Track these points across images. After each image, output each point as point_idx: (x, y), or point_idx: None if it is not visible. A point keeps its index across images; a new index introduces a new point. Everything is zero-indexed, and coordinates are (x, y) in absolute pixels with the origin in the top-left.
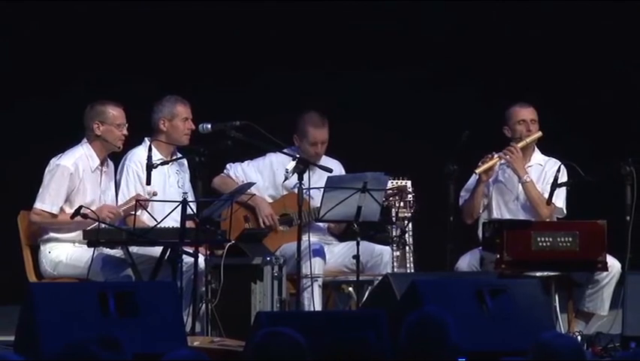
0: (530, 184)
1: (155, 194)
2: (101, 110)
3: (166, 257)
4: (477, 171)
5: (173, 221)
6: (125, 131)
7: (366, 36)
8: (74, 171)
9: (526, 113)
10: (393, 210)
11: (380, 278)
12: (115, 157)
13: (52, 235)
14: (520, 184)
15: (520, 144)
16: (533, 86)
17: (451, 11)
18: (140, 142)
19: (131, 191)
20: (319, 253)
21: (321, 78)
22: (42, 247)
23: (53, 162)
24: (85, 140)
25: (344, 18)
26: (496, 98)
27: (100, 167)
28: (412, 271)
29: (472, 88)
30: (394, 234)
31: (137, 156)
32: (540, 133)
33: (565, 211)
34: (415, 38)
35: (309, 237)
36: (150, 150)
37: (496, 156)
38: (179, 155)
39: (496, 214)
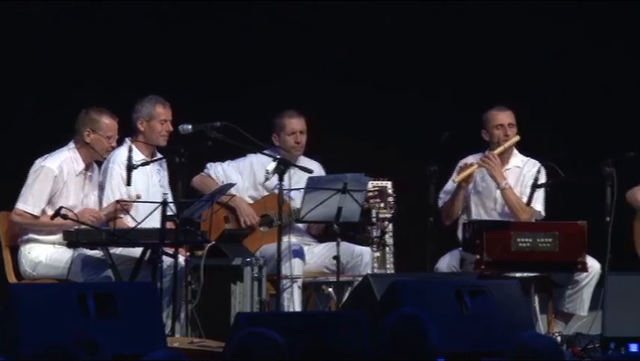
0: (509, 190)
1: (138, 197)
2: (95, 119)
3: (146, 258)
4: (456, 180)
5: (157, 222)
6: (113, 143)
7: (345, 44)
8: (59, 174)
9: (503, 117)
10: (373, 211)
11: (360, 279)
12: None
13: (31, 235)
14: (498, 190)
15: (497, 150)
16: (513, 87)
17: (426, 14)
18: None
19: (115, 192)
20: (299, 253)
21: (303, 84)
22: (22, 248)
23: (38, 162)
24: (72, 143)
25: (322, 29)
26: (477, 100)
27: (84, 171)
28: (392, 271)
29: (453, 89)
30: (374, 235)
31: (120, 157)
32: (518, 137)
33: (543, 213)
34: (397, 42)
35: (289, 238)
36: (130, 150)
37: (474, 163)
38: (160, 155)
39: (475, 218)
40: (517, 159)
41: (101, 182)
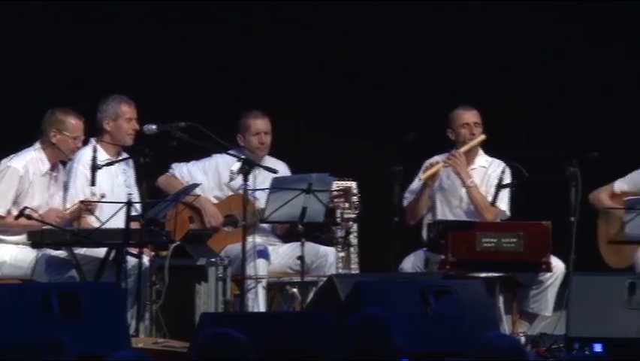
0: (474, 189)
1: (103, 196)
2: (61, 119)
3: (110, 258)
4: (421, 177)
5: (121, 222)
6: (79, 144)
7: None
8: (24, 174)
9: (469, 116)
10: (338, 211)
11: (325, 279)
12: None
13: None
14: (464, 189)
15: (463, 148)
16: (481, 87)
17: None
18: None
19: (79, 193)
20: (264, 254)
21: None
22: None
23: (4, 162)
24: (38, 143)
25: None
26: (443, 99)
27: (50, 171)
28: (357, 272)
29: (419, 89)
30: (339, 235)
31: (85, 157)
32: (483, 136)
33: (508, 213)
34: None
35: (253, 238)
36: (95, 150)
37: (440, 162)
38: (126, 155)
39: (440, 217)
40: (483, 159)
41: (65, 182)
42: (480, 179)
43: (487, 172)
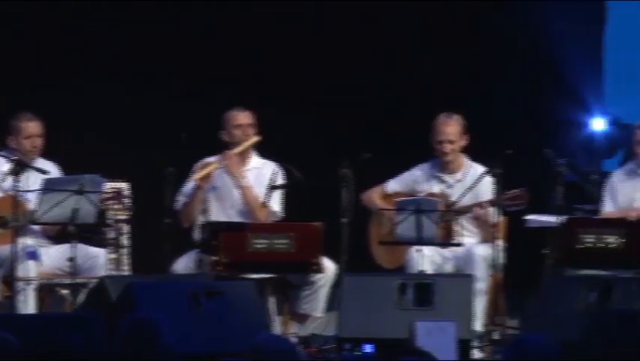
0: (247, 189)
1: None
2: None
3: None
4: (195, 178)
5: None
6: None
7: (85, 44)
8: None
9: (242, 117)
10: (109, 212)
11: (96, 281)
12: None
13: None
14: (237, 189)
15: (237, 150)
16: (257, 88)
17: (176, 11)
18: None
19: None
20: (34, 255)
21: (44, 85)
22: None
23: None
24: None
25: (72, 35)
26: (217, 101)
27: None
28: (128, 273)
29: (193, 90)
30: (110, 236)
31: None
32: (257, 137)
33: (280, 214)
34: (135, 39)
35: (24, 239)
36: None
37: (213, 162)
38: None
39: (214, 219)
40: (256, 160)
41: None
42: (254, 180)
43: (261, 172)
